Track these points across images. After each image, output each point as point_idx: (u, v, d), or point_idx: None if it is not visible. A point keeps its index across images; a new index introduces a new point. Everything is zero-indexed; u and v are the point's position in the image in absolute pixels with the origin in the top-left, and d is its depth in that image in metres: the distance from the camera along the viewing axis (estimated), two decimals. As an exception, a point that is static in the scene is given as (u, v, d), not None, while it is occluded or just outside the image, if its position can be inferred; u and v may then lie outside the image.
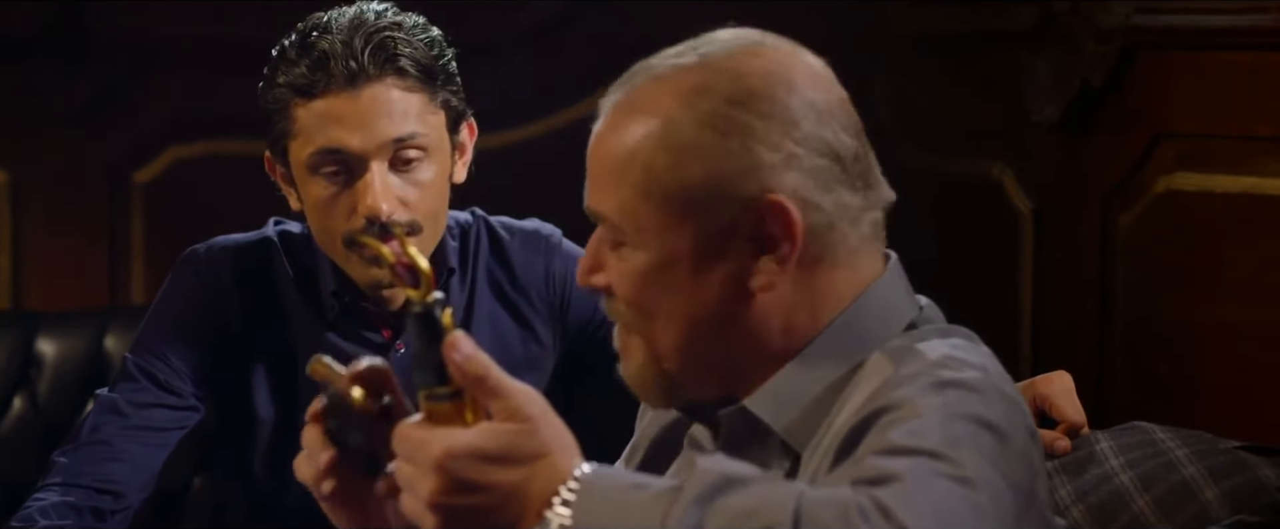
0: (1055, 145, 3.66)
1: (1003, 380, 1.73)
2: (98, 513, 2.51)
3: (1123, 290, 3.57)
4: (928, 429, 1.60)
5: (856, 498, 1.52)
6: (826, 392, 1.77)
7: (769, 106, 1.77)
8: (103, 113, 4.03)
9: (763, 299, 1.77)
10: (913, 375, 1.69)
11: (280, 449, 2.63)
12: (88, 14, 3.96)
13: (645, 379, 1.82)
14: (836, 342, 1.79)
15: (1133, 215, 3.54)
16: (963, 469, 1.55)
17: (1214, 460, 2.11)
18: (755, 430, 1.80)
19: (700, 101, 1.77)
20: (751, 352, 1.79)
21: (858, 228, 1.80)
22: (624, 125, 1.79)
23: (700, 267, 1.76)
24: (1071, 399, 2.19)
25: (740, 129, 1.76)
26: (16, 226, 4.04)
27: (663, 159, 1.76)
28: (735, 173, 1.75)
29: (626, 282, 1.79)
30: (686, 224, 1.76)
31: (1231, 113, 3.38)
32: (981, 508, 1.54)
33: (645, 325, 1.80)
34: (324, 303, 2.60)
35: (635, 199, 1.77)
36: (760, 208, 1.75)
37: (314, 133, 2.47)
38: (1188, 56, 3.45)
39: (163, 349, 2.60)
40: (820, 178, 1.77)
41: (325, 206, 2.50)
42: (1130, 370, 3.55)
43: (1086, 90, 3.55)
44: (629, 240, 1.78)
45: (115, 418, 2.57)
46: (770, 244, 1.76)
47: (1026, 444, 1.66)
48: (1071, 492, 2.14)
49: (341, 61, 2.44)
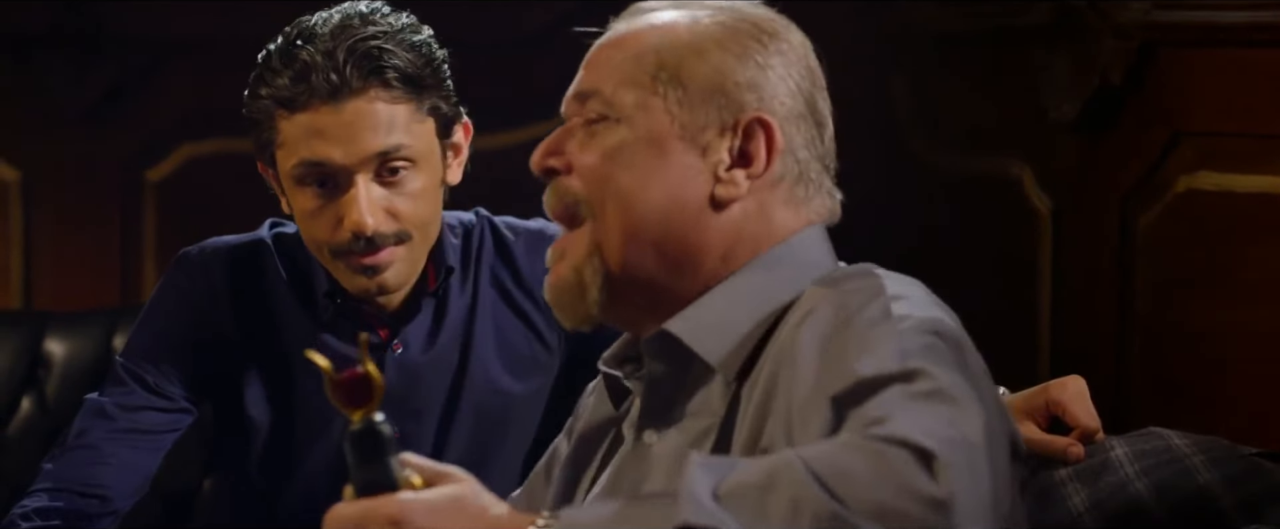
0: (1074, 143, 3.64)
1: (934, 299, 1.80)
2: (84, 517, 2.51)
3: (1141, 290, 3.55)
4: (887, 352, 1.65)
5: (858, 440, 1.54)
6: (752, 321, 1.83)
7: (786, 49, 1.90)
8: (114, 111, 4.03)
9: (719, 212, 1.85)
10: (853, 294, 1.76)
11: (276, 451, 2.62)
12: (99, 11, 3.96)
13: (577, 282, 1.87)
14: (763, 275, 1.86)
15: (1152, 215, 3.52)
16: (936, 381, 1.61)
17: (1231, 467, 2.09)
18: (682, 356, 1.84)
19: (727, 19, 1.89)
20: (688, 268, 1.85)
21: (815, 195, 1.90)
22: (648, 16, 1.91)
23: (674, 155, 1.85)
24: (1085, 404, 2.17)
25: (760, 51, 1.88)
26: (28, 225, 4.04)
27: (680, 47, 1.87)
28: (741, 83, 1.86)
29: (595, 155, 1.87)
30: (678, 112, 1.85)
31: (1253, 111, 3.35)
32: (966, 414, 1.59)
33: (599, 206, 1.85)
34: (318, 304, 2.59)
35: (638, 72, 1.86)
36: (750, 122, 1.85)
37: (298, 145, 2.45)
38: (1208, 53, 3.43)
39: (152, 352, 2.59)
40: (804, 133, 1.89)
41: (311, 217, 2.48)
42: (1148, 371, 3.53)
43: (1105, 88, 3.54)
44: (613, 114, 1.86)
45: (102, 422, 2.56)
46: (746, 159, 1.86)
47: (968, 342, 1.75)
48: (1086, 499, 2.12)
49: (323, 74, 2.41)
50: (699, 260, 1.85)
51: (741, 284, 1.85)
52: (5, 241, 4.05)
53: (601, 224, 1.86)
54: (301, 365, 2.57)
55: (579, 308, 1.89)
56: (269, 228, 2.66)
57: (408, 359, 2.57)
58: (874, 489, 1.50)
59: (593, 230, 1.86)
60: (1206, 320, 3.42)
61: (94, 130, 4.02)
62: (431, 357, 2.58)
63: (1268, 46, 3.33)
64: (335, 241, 2.46)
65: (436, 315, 2.58)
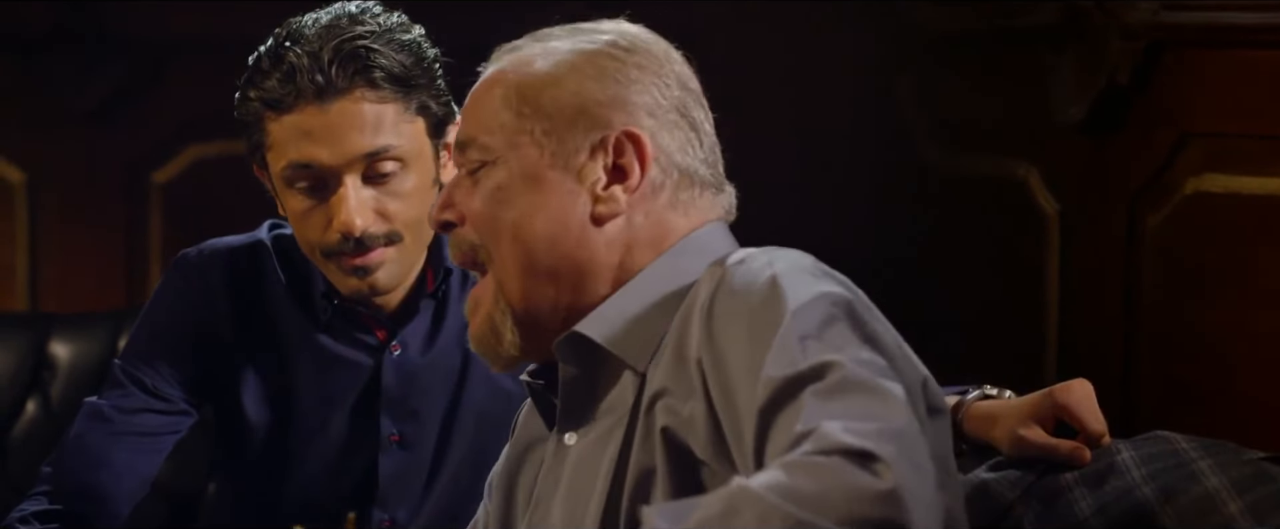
0: (1081, 145, 3.64)
1: (823, 268, 1.83)
2: (82, 519, 2.52)
3: (1149, 293, 3.54)
4: (789, 343, 1.69)
5: (795, 458, 1.57)
6: (656, 310, 1.88)
7: (648, 61, 1.94)
8: (120, 112, 4.02)
9: (606, 229, 1.90)
10: (743, 273, 1.80)
11: (274, 452, 2.63)
12: (104, 12, 3.96)
13: (490, 329, 1.94)
14: (664, 268, 1.91)
15: (1160, 216, 3.51)
16: (843, 370, 1.65)
17: (1237, 472, 2.07)
18: (592, 356, 1.89)
19: (585, 41, 1.95)
20: (587, 287, 1.91)
21: (703, 195, 1.95)
22: (508, 55, 1.97)
23: (551, 184, 1.90)
24: (1092, 408, 2.16)
25: (617, 68, 1.92)
26: (33, 226, 4.04)
27: (538, 80, 1.92)
28: (604, 101, 1.91)
29: (481, 200, 1.92)
30: (548, 139, 1.91)
31: (1261, 112, 3.35)
32: (881, 397, 1.63)
33: (492, 248, 1.92)
34: (316, 305, 2.59)
35: (503, 113, 1.92)
36: (620, 138, 1.90)
37: (286, 147, 2.46)
38: (1216, 54, 3.42)
39: (150, 355, 2.60)
40: (677, 139, 1.93)
41: (302, 219, 2.49)
42: (1156, 374, 3.52)
43: (1112, 89, 3.53)
44: (489, 158, 1.92)
45: (101, 425, 2.57)
46: (622, 174, 1.91)
47: (861, 299, 1.79)
48: (1092, 503, 2.11)
49: (309, 75, 2.42)
50: (595, 277, 1.91)
51: (641, 280, 1.92)
52: (10, 243, 4.05)
53: (499, 265, 1.93)
54: (299, 367, 2.58)
55: (499, 352, 1.96)
56: (268, 229, 2.67)
57: (406, 361, 2.57)
58: (826, 499, 1.53)
59: (494, 273, 1.94)
60: (1214, 322, 3.41)
61: (100, 131, 4.02)
62: (430, 358, 2.58)
63: (1276, 47, 3.32)
64: (326, 243, 2.47)
65: (436, 317, 2.59)
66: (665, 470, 1.80)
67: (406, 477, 2.57)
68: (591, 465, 1.88)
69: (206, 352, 2.60)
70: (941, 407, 1.84)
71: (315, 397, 2.58)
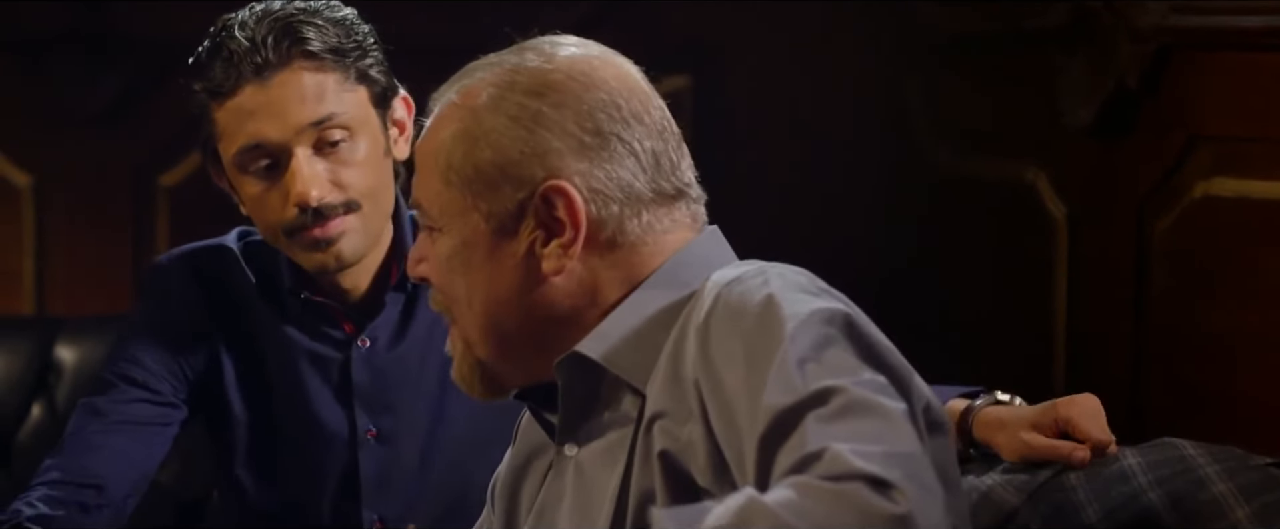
0: (1090, 148, 3.63)
1: (819, 284, 1.81)
2: (82, 507, 2.54)
3: (1158, 297, 3.54)
4: (788, 370, 1.67)
5: (807, 481, 1.56)
6: (656, 326, 1.86)
7: (564, 98, 1.87)
8: (127, 114, 4.03)
9: (556, 282, 1.87)
10: (739, 292, 1.77)
11: (257, 449, 2.65)
12: (111, 14, 3.95)
13: (466, 373, 1.94)
14: (662, 283, 1.88)
15: (1169, 220, 3.50)
16: (845, 394, 1.63)
17: (1244, 477, 2.07)
18: (591, 375, 1.88)
19: (503, 93, 1.88)
20: (559, 330, 1.89)
21: (658, 219, 1.89)
22: (439, 120, 1.92)
23: (495, 248, 1.88)
24: (1097, 421, 2.15)
25: (531, 116, 1.86)
26: (40, 229, 4.05)
27: (462, 146, 1.88)
28: (522, 156, 1.86)
29: (436, 266, 1.92)
30: (480, 205, 1.88)
31: (1271, 115, 3.34)
32: (885, 418, 1.62)
33: (455, 310, 1.92)
34: (284, 301, 2.62)
35: (439, 184, 1.89)
36: (544, 192, 1.85)
37: (234, 131, 2.50)
38: (1225, 57, 3.41)
39: (136, 355, 2.63)
40: (613, 171, 1.87)
41: (260, 202, 2.52)
42: (1164, 378, 3.52)
43: (1121, 91, 3.52)
44: (438, 225, 1.91)
45: (95, 418, 2.60)
46: (557, 228, 1.86)
47: (858, 316, 1.76)
48: (1098, 509, 2.11)
49: (247, 56, 2.47)
50: (566, 323, 1.89)
51: (641, 297, 1.89)
52: (17, 245, 4.05)
53: (463, 325, 1.93)
54: (271, 362, 2.62)
55: (481, 393, 1.96)
56: (237, 234, 2.70)
57: (375, 355, 2.60)
58: (839, 523, 1.52)
59: (460, 331, 1.94)
60: (1223, 326, 3.40)
61: (106, 134, 4.02)
62: (400, 352, 2.60)
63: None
64: (285, 220, 2.50)
65: (406, 310, 2.61)
66: (665, 497, 1.79)
67: (390, 473, 2.58)
68: (600, 484, 1.88)
69: (189, 351, 2.63)
70: (942, 421, 1.81)
71: (289, 392, 2.61)
